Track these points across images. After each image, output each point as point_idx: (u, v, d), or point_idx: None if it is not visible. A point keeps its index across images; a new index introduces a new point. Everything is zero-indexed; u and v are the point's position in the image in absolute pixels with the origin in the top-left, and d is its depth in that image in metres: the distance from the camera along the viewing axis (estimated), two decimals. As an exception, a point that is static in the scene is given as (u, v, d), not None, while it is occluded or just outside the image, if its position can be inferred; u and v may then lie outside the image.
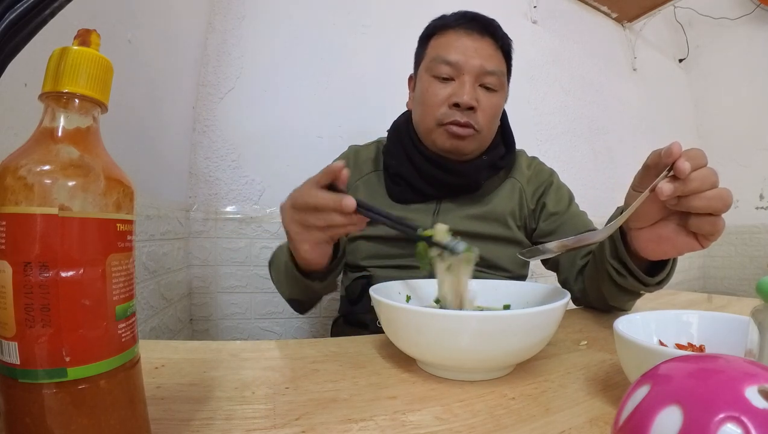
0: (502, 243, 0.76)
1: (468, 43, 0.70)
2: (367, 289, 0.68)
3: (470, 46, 0.70)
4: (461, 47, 0.70)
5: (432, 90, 0.71)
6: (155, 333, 0.87)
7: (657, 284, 0.53)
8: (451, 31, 0.72)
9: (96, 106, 0.23)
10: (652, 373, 0.20)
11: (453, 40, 0.71)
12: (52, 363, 0.19)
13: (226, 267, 1.16)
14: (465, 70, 0.69)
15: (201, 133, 1.16)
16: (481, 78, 0.70)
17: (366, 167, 0.84)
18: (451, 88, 0.70)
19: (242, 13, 1.21)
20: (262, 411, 0.31)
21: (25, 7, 0.21)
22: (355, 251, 0.78)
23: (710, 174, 0.40)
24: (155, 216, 0.89)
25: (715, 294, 0.90)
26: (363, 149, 0.87)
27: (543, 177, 0.82)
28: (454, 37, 0.71)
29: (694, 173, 0.39)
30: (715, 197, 0.40)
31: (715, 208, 0.41)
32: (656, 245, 0.47)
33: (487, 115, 0.72)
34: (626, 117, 2.17)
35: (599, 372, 0.40)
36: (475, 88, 0.70)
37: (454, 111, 0.69)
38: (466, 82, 0.69)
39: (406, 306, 0.38)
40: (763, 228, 2.24)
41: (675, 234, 0.45)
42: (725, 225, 0.42)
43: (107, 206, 0.21)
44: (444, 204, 0.76)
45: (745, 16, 2.24)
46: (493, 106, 0.73)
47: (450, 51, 0.70)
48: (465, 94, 0.68)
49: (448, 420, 0.30)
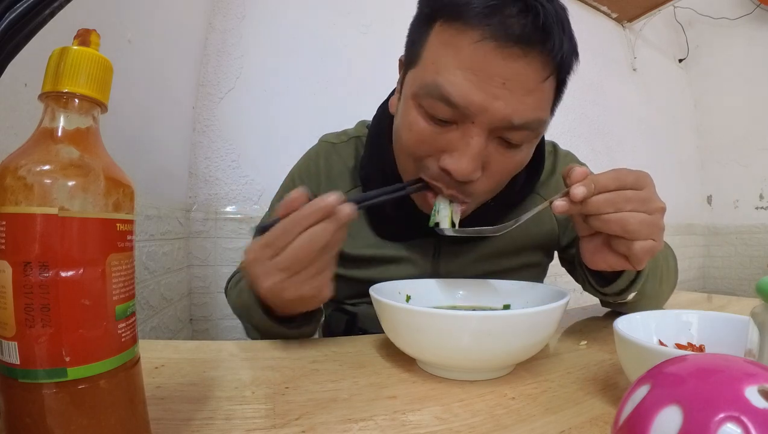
0: (518, 272, 0.63)
1: (494, 66, 0.40)
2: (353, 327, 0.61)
3: (495, 75, 0.40)
4: (481, 74, 0.40)
5: (418, 132, 0.45)
6: (155, 333, 0.88)
7: (617, 295, 0.51)
8: (470, 31, 0.40)
9: (96, 106, 0.23)
10: (652, 373, 0.20)
11: (469, 56, 0.41)
12: (52, 363, 0.19)
13: (226, 267, 1.16)
14: (476, 120, 0.42)
15: (201, 133, 1.16)
16: (500, 132, 0.44)
17: (342, 182, 0.61)
18: (448, 139, 0.44)
19: (242, 13, 1.21)
20: (262, 411, 0.31)
21: (25, 7, 0.21)
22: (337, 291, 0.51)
23: (618, 199, 0.40)
24: (155, 216, 0.89)
25: (715, 294, 0.90)
26: (336, 151, 0.64)
27: None
28: (472, 47, 0.40)
29: (597, 197, 0.39)
30: (615, 221, 0.40)
31: (616, 232, 0.40)
32: (591, 256, 0.46)
33: (495, 180, 0.48)
34: (626, 117, 2.17)
35: (599, 372, 0.40)
36: (487, 147, 0.44)
37: (444, 176, 0.46)
38: (472, 142, 0.43)
39: (406, 306, 0.38)
40: (763, 228, 2.24)
41: (605, 249, 0.44)
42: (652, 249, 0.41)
43: (107, 206, 0.21)
44: (445, 244, 0.59)
45: (745, 16, 2.24)
46: (510, 168, 0.48)
47: (456, 81, 0.41)
48: (464, 164, 0.43)
49: (448, 420, 0.30)
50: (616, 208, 0.40)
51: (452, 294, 0.52)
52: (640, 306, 0.56)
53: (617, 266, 0.44)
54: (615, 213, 0.40)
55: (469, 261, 0.59)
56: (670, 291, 0.62)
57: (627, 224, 0.40)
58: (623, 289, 0.50)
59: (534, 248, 0.64)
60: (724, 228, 2.44)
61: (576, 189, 0.39)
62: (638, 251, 0.41)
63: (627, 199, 0.40)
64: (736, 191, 2.39)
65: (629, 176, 0.41)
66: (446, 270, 0.58)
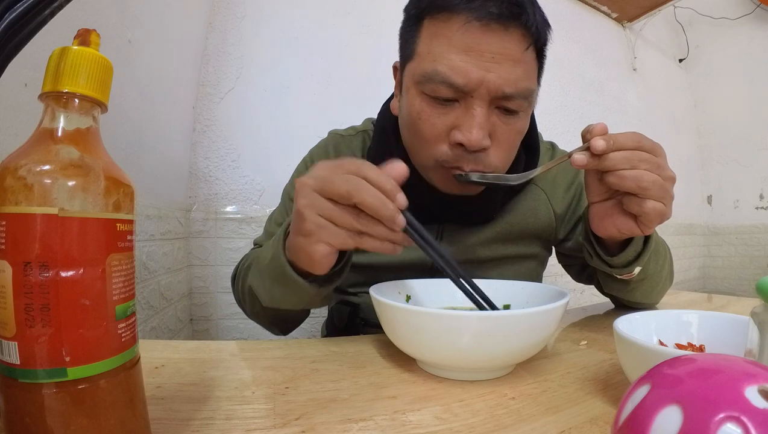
0: (516, 261, 0.66)
1: (482, 41, 0.46)
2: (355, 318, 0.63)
3: (485, 50, 0.46)
4: (472, 53, 0.47)
5: (426, 118, 0.50)
6: (155, 333, 0.88)
7: (623, 267, 0.52)
8: (455, 18, 0.47)
9: (96, 106, 0.23)
10: (652, 373, 0.20)
11: (458, 39, 0.47)
12: (52, 363, 0.19)
13: (226, 267, 1.16)
14: (475, 93, 0.47)
15: (201, 132, 1.16)
16: (498, 101, 0.49)
17: None
18: (455, 116, 0.49)
19: (242, 13, 1.21)
20: (262, 410, 0.31)
21: (25, 7, 0.21)
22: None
23: (635, 157, 0.42)
24: (155, 216, 0.89)
25: (715, 294, 0.90)
26: (345, 142, 0.68)
27: (569, 176, 0.68)
28: (461, 31, 0.47)
29: (615, 153, 0.42)
30: (631, 177, 0.42)
31: (630, 188, 0.42)
32: (600, 221, 0.48)
33: (504, 150, 0.52)
34: (626, 117, 2.17)
35: (599, 372, 0.40)
36: (490, 117, 0.49)
37: (459, 151, 0.50)
38: (476, 112, 0.48)
39: (406, 306, 0.38)
40: (763, 228, 2.24)
41: (616, 212, 0.46)
42: (662, 212, 0.44)
43: (107, 206, 0.21)
44: (448, 228, 0.62)
45: (745, 16, 2.24)
46: (513, 136, 0.53)
47: (453, 64, 0.47)
48: (474, 132, 0.48)
49: (448, 419, 0.30)
50: (632, 165, 0.42)
51: (452, 295, 0.52)
52: (640, 292, 0.58)
53: (625, 229, 0.46)
54: (631, 169, 0.42)
55: (470, 245, 0.62)
56: (668, 282, 0.64)
57: (641, 181, 0.42)
58: (630, 261, 0.52)
59: (532, 238, 0.66)
60: (724, 228, 2.44)
61: (596, 141, 0.41)
62: (650, 210, 0.43)
63: (643, 159, 0.42)
64: (736, 191, 2.39)
65: (646, 140, 0.43)
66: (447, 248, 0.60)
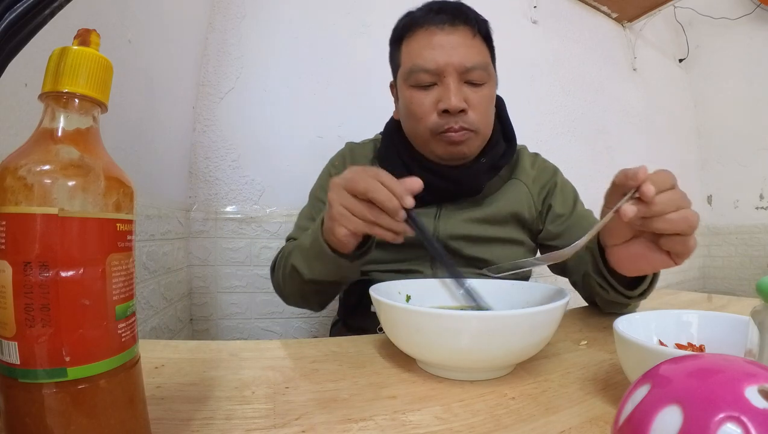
0: (506, 244, 0.75)
1: (442, 39, 0.65)
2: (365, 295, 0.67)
3: (445, 43, 0.65)
4: (436, 47, 0.65)
5: (416, 101, 0.68)
6: (155, 333, 0.88)
7: (639, 296, 0.54)
8: (420, 31, 0.67)
9: (96, 106, 0.23)
10: (652, 373, 0.20)
11: (425, 41, 0.66)
12: (52, 363, 0.19)
13: (226, 267, 1.16)
14: (446, 73, 0.65)
15: (201, 133, 1.16)
16: (464, 75, 0.66)
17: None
18: (436, 93, 0.66)
19: (242, 13, 1.21)
20: (262, 410, 0.31)
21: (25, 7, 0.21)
22: None
23: (675, 197, 0.41)
24: (155, 216, 0.89)
25: (715, 294, 0.90)
26: (359, 147, 0.84)
27: (547, 176, 0.80)
28: (425, 36, 0.66)
29: (659, 196, 0.40)
30: (680, 219, 0.41)
31: (681, 230, 0.42)
32: (631, 263, 0.48)
33: (480, 111, 0.68)
34: (626, 117, 2.16)
35: (599, 372, 0.40)
36: (461, 88, 0.66)
37: (446, 118, 0.66)
38: (450, 84, 0.65)
39: (406, 306, 0.38)
40: (763, 228, 2.24)
41: (648, 251, 0.45)
42: (696, 244, 0.43)
43: (107, 206, 0.21)
44: (445, 207, 0.74)
45: (745, 16, 2.24)
46: (484, 101, 0.69)
47: (425, 56, 0.66)
48: (452, 98, 0.64)
49: (448, 419, 0.30)
50: (677, 205, 0.41)
51: (452, 294, 0.52)
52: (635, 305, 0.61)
53: (661, 266, 0.46)
54: (676, 211, 0.41)
55: (461, 220, 0.73)
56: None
57: (688, 221, 0.41)
58: (646, 289, 0.53)
59: (516, 223, 0.76)
60: (724, 229, 2.44)
61: (648, 187, 0.40)
62: (693, 247, 0.43)
63: (679, 197, 0.42)
64: (736, 191, 2.39)
65: (670, 174, 0.43)
66: (444, 229, 0.73)
